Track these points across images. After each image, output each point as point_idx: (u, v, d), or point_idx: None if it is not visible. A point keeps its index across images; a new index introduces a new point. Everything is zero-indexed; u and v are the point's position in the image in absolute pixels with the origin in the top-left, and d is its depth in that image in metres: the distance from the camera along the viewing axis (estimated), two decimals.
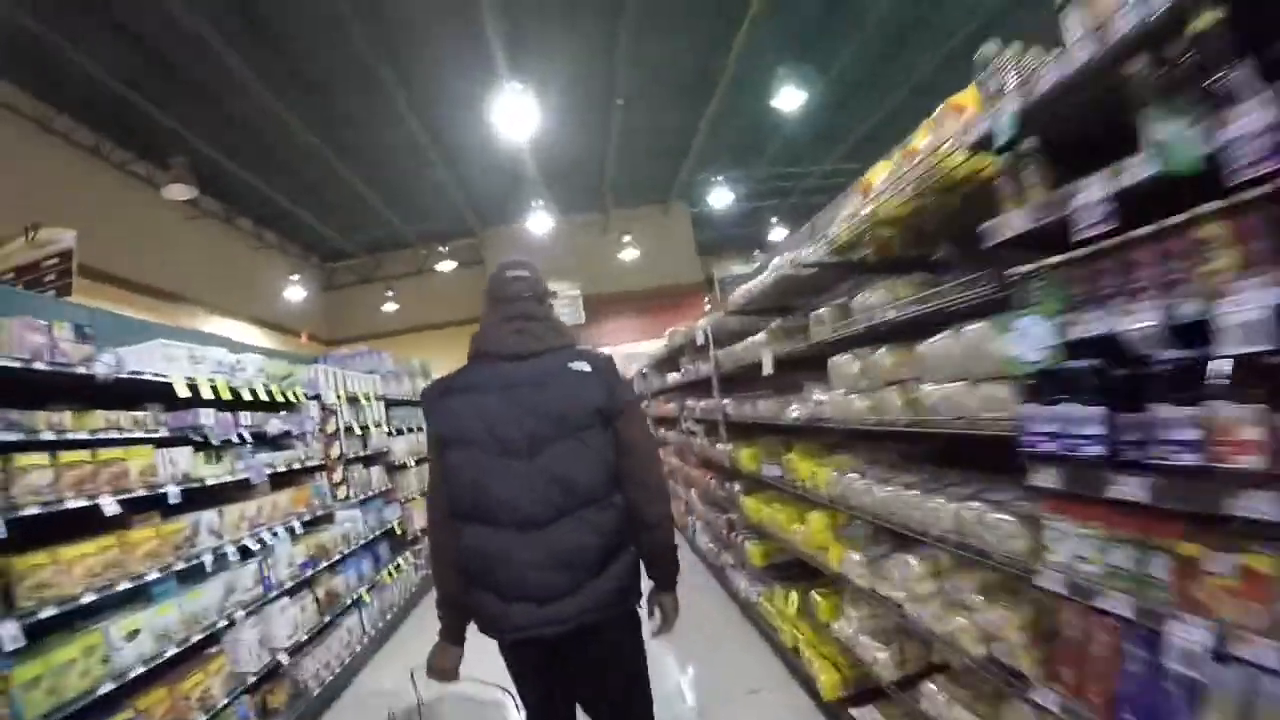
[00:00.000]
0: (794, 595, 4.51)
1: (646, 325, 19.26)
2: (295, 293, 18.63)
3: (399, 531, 7.94)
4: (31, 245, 7.79)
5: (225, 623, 4.46)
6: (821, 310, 3.60)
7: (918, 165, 2.72)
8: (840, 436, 4.53)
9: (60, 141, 12.10)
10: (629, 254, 19.87)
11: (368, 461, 7.50)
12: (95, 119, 12.29)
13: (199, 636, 4.17)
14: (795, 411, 3.85)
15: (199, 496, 4.56)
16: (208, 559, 4.39)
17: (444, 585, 2.55)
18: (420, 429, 9.67)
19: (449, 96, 12.60)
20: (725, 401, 5.79)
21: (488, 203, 18.28)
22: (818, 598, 4.15)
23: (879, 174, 3.34)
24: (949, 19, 12.13)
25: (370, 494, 7.32)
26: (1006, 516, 2.39)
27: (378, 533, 7.28)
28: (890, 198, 2.88)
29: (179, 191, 12.42)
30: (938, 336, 2.61)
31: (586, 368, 2.48)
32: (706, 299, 18.69)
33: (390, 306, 21.06)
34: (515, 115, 10.63)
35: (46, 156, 11.73)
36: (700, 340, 6.08)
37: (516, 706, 2.64)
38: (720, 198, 16.21)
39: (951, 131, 2.53)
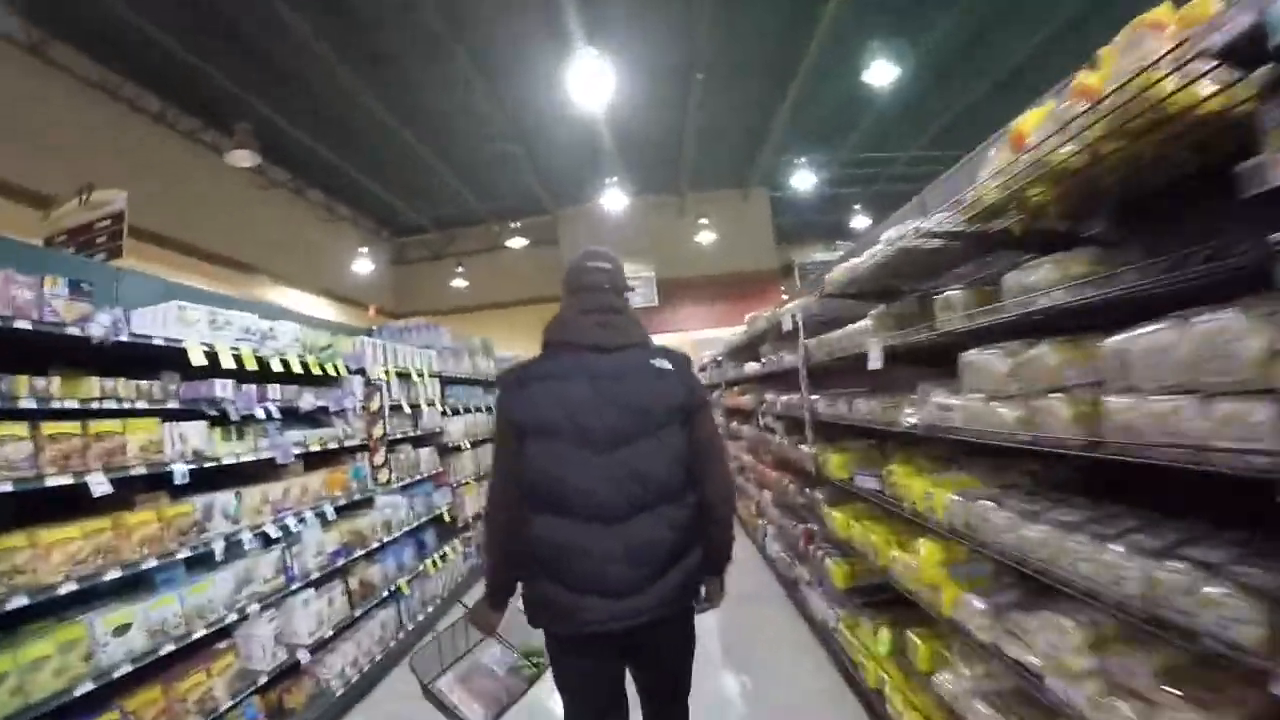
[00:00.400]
0: (885, 633, 3.78)
1: (720, 312, 18.61)
2: (364, 266, 18.41)
3: (449, 518, 7.39)
4: (85, 207, 7.59)
5: (236, 617, 3.96)
6: (951, 293, 2.86)
7: (1114, 95, 1.96)
8: (950, 448, 3.80)
9: (125, 108, 12.07)
10: (705, 237, 19.12)
11: (418, 442, 6.97)
12: (162, 86, 12.19)
13: (202, 632, 3.68)
14: (912, 417, 3.10)
15: (216, 477, 4.07)
16: (219, 546, 3.89)
17: (497, 573, 2.53)
18: (481, 409, 9.15)
19: (522, 65, 12.11)
20: (814, 397, 5.06)
21: (561, 180, 17.72)
22: (916, 640, 3.42)
23: (1032, 122, 2.57)
24: (1048, 1, 11.17)
25: (418, 477, 6.79)
26: (1233, 591, 1.65)
27: (425, 519, 6.74)
28: (1064, 143, 2.13)
29: (243, 158, 12.16)
30: (1144, 329, 1.86)
31: (668, 365, 2.51)
32: (784, 287, 17.87)
33: (460, 283, 20.70)
34: (590, 83, 10.05)
35: (113, 123, 11.69)
36: (788, 326, 5.36)
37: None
38: (802, 180, 15.36)
39: (1152, 51, 1.80)
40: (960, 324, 2.73)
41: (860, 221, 18.72)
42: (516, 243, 18.97)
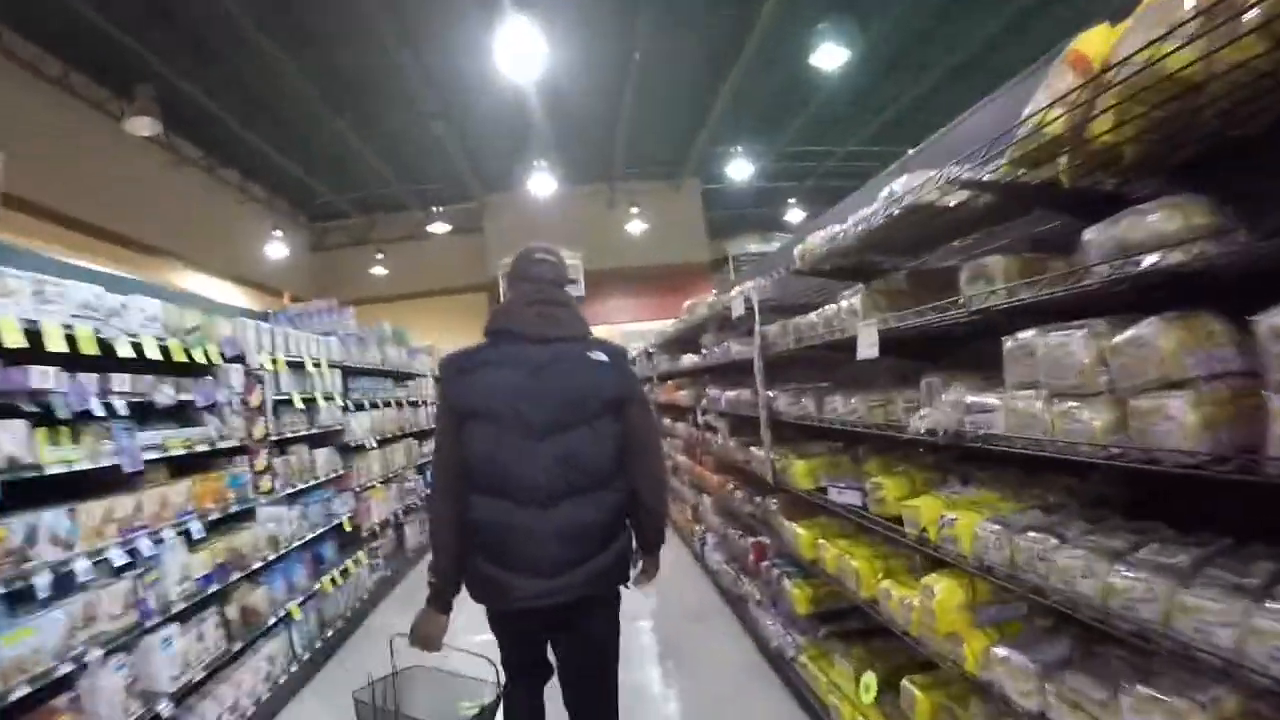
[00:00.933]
0: (870, 678, 3.09)
1: (649, 305, 17.95)
2: (278, 250, 17.04)
3: (351, 527, 6.51)
4: None
5: (72, 667, 3.10)
6: (989, 260, 2.16)
7: None
8: (940, 455, 3.14)
9: (29, 74, 10.77)
10: (635, 227, 18.41)
11: (315, 442, 6.08)
12: (68, 49, 10.88)
13: (25, 690, 2.83)
14: (925, 421, 2.37)
15: (42, 491, 3.19)
16: (44, 579, 3.02)
17: (442, 555, 2.56)
18: (391, 404, 8.29)
19: (450, 33, 11.09)
20: (771, 394, 4.36)
21: (489, 163, 16.71)
22: (915, 692, 2.74)
23: (1094, 43, 1.91)
24: None
25: (314, 481, 5.89)
26: None
27: (323, 529, 5.87)
28: (1181, 46, 1.47)
29: (142, 125, 10.97)
30: None
31: (604, 358, 2.58)
32: (714, 280, 17.22)
33: (379, 270, 19.53)
34: (521, 54, 9.14)
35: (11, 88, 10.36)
36: (738, 311, 4.66)
37: (498, 675, 2.63)
38: (738, 170, 14.68)
39: None
40: (1001, 299, 2.03)
41: (795, 215, 18.19)
42: (439, 227, 17.92)
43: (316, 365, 6.16)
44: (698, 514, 7.03)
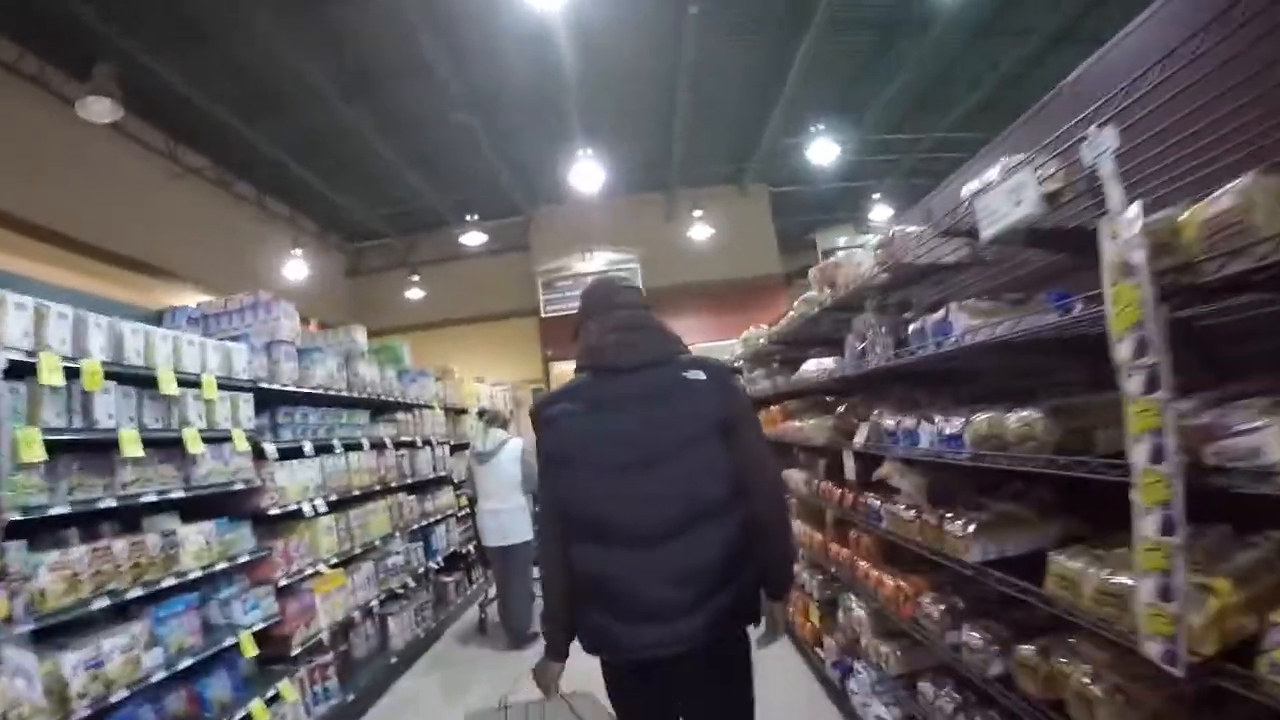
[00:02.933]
0: None
1: (718, 323, 15.06)
2: (301, 271, 14.70)
3: (251, 649, 3.91)
4: None
5: None
6: None
7: None
8: None
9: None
10: (699, 235, 15.69)
11: (191, 510, 3.51)
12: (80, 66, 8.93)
13: None
14: None
15: None
16: None
17: (553, 599, 2.37)
18: (364, 445, 5.75)
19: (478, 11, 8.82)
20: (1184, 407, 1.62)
21: (532, 169, 14.36)
22: None
23: None
24: None
25: (172, 580, 3.32)
26: None
27: (204, 654, 3.31)
28: None
29: (100, 110, 8.70)
30: None
31: (702, 376, 2.32)
32: (789, 295, 14.43)
33: (415, 293, 17.13)
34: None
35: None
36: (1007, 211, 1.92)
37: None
38: (823, 153, 11.77)
39: None
40: None
41: (880, 213, 15.24)
42: (474, 238, 15.29)
43: (202, 386, 3.60)
44: (835, 622, 4.20)
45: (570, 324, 2.54)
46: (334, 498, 5.25)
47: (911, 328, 2.68)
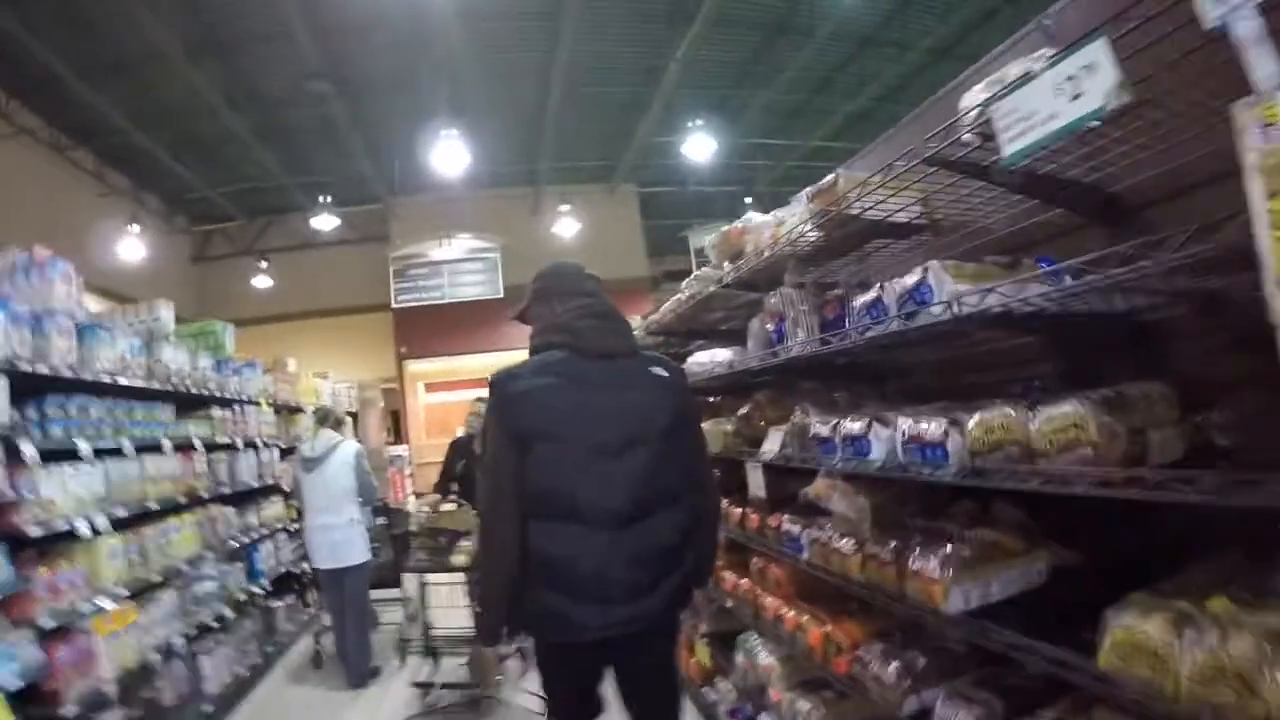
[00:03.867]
0: None
1: None
2: (138, 251, 12.84)
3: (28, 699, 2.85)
4: None
5: None
6: None
7: None
8: None
9: None
10: (564, 229, 14.98)
11: None
12: None
13: None
14: None
15: None
16: None
17: (495, 584, 2.27)
18: (163, 449, 4.64)
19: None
20: None
21: (392, 149, 13.16)
22: None
23: None
24: None
25: None
26: None
27: None
28: None
29: None
30: None
31: (665, 374, 2.40)
32: (654, 300, 13.88)
33: (263, 281, 15.47)
34: None
35: None
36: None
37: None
38: (699, 148, 11.15)
39: None
40: None
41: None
42: (326, 221, 13.73)
43: None
44: (731, 663, 3.48)
45: (425, 316, 2.13)
46: (123, 513, 4.14)
47: (859, 300, 1.99)
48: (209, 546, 5.09)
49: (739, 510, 3.05)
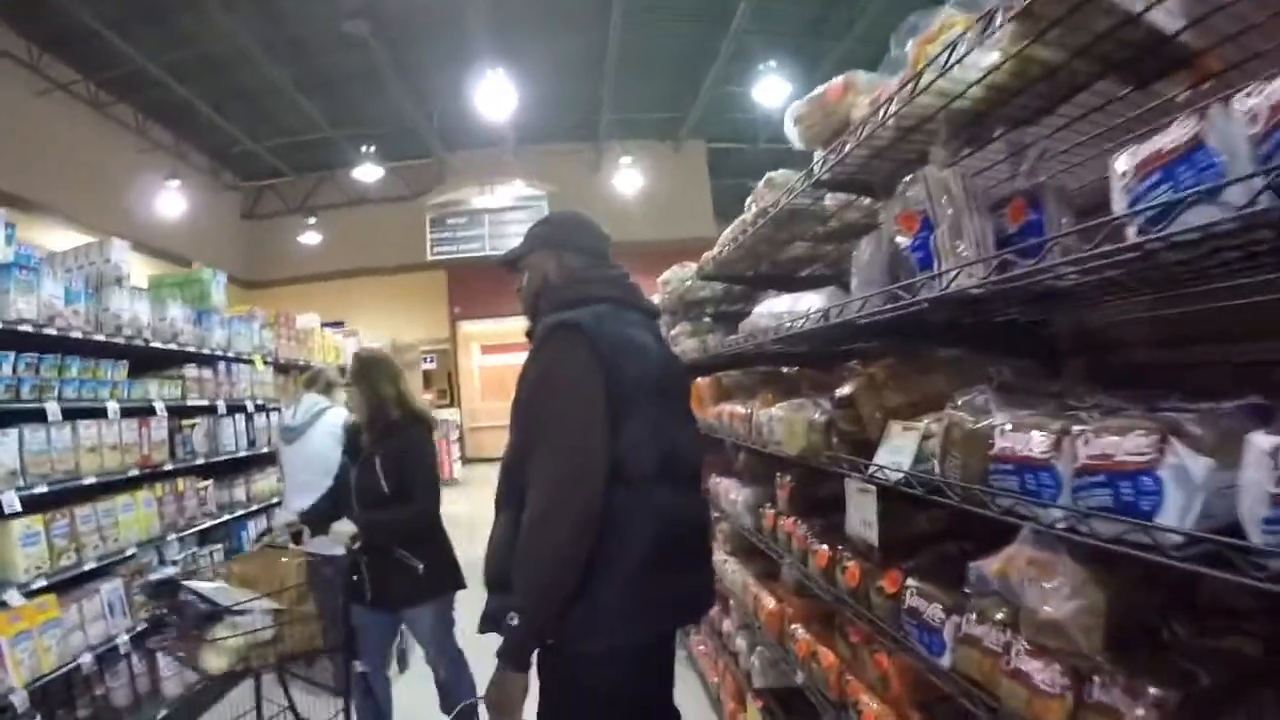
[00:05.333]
0: None
1: (648, 288, 13.26)
2: (184, 207, 12.30)
3: None
4: None
5: None
6: None
7: None
8: None
9: None
10: (626, 184, 13.82)
11: None
12: None
13: None
14: None
15: None
16: None
17: (560, 585, 1.67)
18: (109, 413, 3.79)
19: None
20: None
21: (445, 108, 12.23)
22: None
23: None
24: None
25: None
26: None
27: None
28: None
29: None
30: None
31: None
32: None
33: (311, 238, 14.81)
34: None
35: None
36: None
37: None
38: (771, 93, 9.75)
39: None
40: None
41: None
42: (369, 172, 12.80)
43: None
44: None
45: (479, 276, 1.42)
46: (43, 488, 3.33)
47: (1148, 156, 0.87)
48: (172, 528, 4.23)
49: (825, 550, 1.98)
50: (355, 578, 3.09)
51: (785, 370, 3.32)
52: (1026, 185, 1.20)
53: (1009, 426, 1.12)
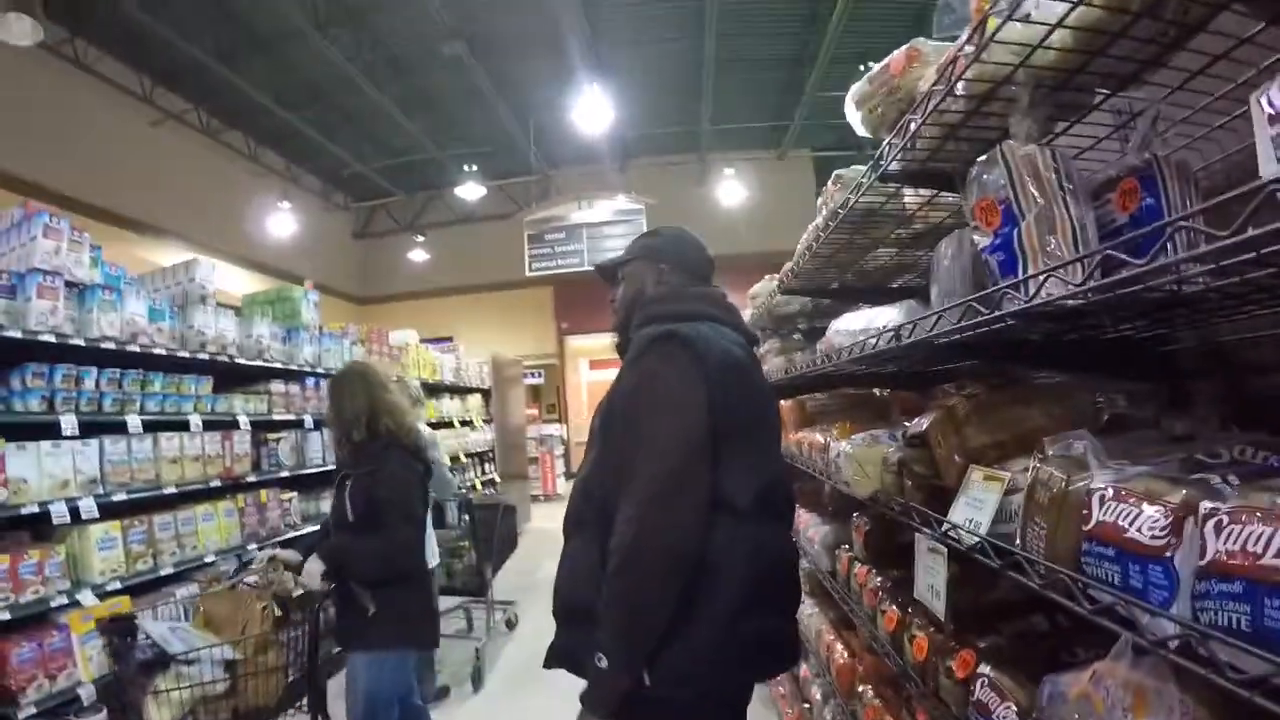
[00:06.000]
0: None
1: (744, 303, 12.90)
2: (293, 228, 12.86)
3: None
4: None
5: None
6: None
7: None
8: None
9: None
10: (729, 196, 13.50)
11: None
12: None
13: None
14: None
15: None
16: None
17: (661, 616, 1.49)
18: (192, 425, 3.91)
19: None
20: None
21: (548, 126, 12.31)
22: None
23: None
24: None
25: None
26: None
27: None
28: None
29: (21, 31, 7.00)
30: None
31: None
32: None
33: (419, 255, 15.23)
34: None
35: None
36: None
37: None
38: None
39: None
40: None
41: None
42: (471, 190, 12.55)
43: None
44: None
45: (585, 290, 1.10)
46: (122, 496, 3.42)
47: None
48: (254, 536, 4.27)
49: (893, 610, 1.68)
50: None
51: (877, 393, 2.99)
52: (1137, 161, 0.91)
53: (1110, 493, 0.82)
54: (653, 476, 1.49)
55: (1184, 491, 0.74)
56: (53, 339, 3.12)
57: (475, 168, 12.11)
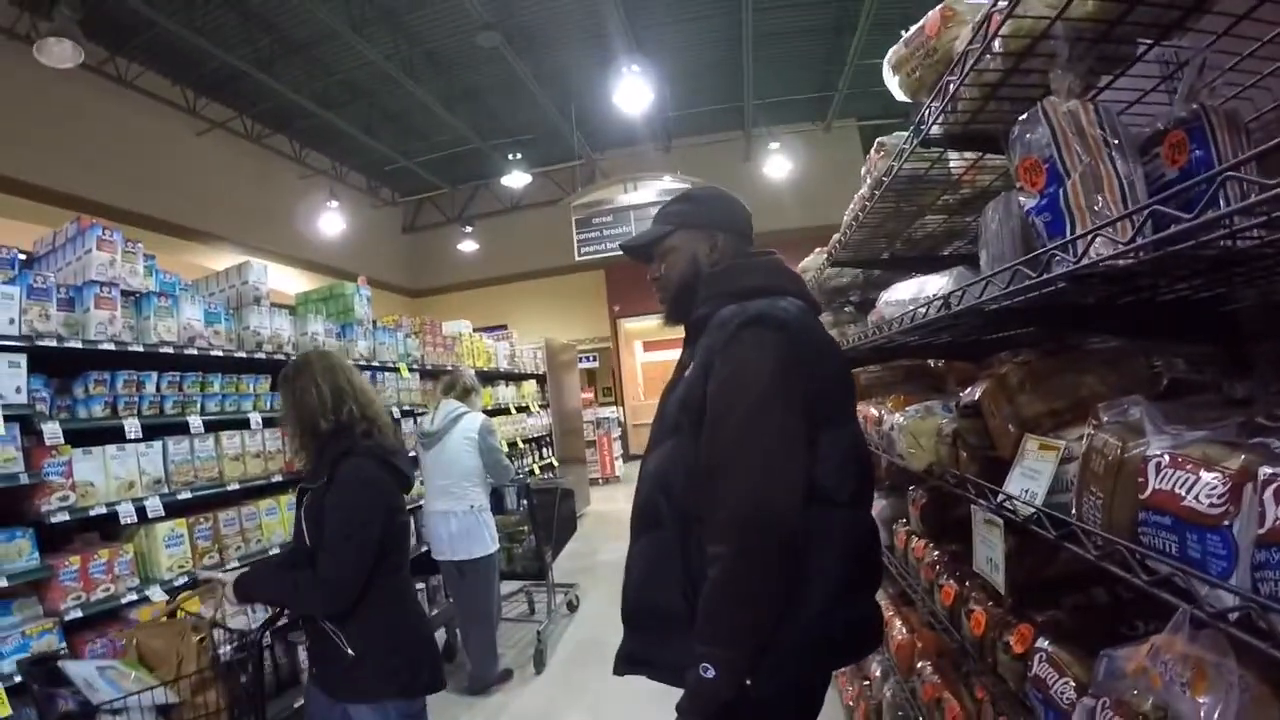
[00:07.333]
0: None
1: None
2: (341, 226, 13.12)
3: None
4: None
5: None
6: None
7: None
8: None
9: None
10: (775, 170, 13.28)
11: None
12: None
13: None
14: None
15: None
16: None
17: (771, 617, 1.43)
18: (251, 423, 4.04)
19: None
20: None
21: (588, 109, 12.28)
22: None
23: None
24: None
25: None
26: None
27: None
28: None
29: (61, 54, 7.30)
30: None
31: None
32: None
33: (468, 245, 15.40)
34: None
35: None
36: None
37: None
38: None
39: None
40: None
41: None
42: (517, 180, 12.70)
43: None
44: None
45: (637, 272, 1.86)
46: (187, 494, 3.54)
47: None
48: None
49: (951, 584, 1.67)
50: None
51: (932, 364, 2.94)
52: (1184, 112, 0.87)
53: (1165, 460, 0.79)
54: (753, 475, 1.41)
55: (1242, 456, 0.71)
56: (112, 347, 3.24)
57: (519, 156, 12.19)
